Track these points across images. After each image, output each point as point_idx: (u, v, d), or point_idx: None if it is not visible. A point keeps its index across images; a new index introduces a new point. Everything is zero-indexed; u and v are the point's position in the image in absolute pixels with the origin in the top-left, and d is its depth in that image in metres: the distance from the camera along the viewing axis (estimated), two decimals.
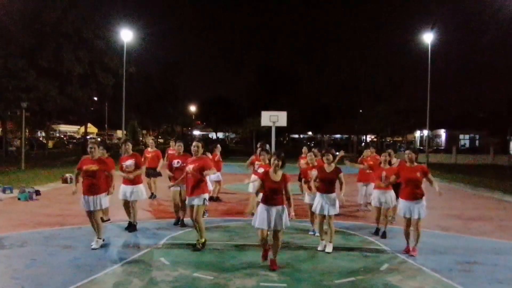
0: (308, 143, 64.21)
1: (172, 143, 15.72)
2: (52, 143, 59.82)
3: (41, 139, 60.87)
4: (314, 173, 10.20)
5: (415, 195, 9.29)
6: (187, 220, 11.08)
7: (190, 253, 9.28)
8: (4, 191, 17.31)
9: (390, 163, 11.47)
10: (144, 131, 79.83)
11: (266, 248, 8.48)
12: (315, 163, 10.96)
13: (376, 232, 11.24)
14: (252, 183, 12.19)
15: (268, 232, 8.38)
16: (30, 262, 8.51)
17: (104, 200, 9.72)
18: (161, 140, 65.02)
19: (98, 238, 9.64)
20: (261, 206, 8.31)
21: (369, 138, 75.32)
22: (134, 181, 11.23)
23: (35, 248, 9.56)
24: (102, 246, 9.58)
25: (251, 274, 7.91)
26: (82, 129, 66.73)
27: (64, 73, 39.01)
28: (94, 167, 9.55)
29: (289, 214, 8.32)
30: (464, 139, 69.91)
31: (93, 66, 42.17)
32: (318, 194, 9.88)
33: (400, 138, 75.13)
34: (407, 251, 9.46)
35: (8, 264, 8.37)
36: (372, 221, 12.02)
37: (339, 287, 7.47)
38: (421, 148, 55.90)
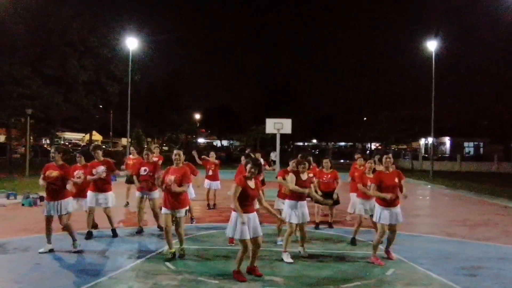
0: (313, 150, 64.22)
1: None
2: None
3: (45, 146, 60.95)
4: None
5: (395, 202, 9.09)
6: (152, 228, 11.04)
7: (194, 258, 9.24)
8: (8, 197, 17.32)
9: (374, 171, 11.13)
10: (149, 139, 79.94)
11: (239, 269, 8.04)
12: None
13: (353, 242, 10.92)
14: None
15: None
16: (34, 266, 8.52)
17: (67, 204, 9.69)
18: (165, 148, 64.72)
19: (74, 240, 9.74)
20: (235, 215, 7.95)
21: (373, 146, 75.18)
22: (103, 188, 11.16)
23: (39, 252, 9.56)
24: (78, 251, 9.61)
25: (256, 279, 7.87)
26: (87, 137, 66.77)
27: (69, 81, 39.12)
28: (55, 173, 9.54)
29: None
30: (469, 147, 69.82)
31: (98, 74, 42.34)
32: (289, 202, 9.42)
33: (405, 146, 74.99)
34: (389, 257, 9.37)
35: (11, 268, 8.38)
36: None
37: None
38: (426, 155, 55.85)
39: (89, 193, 11.20)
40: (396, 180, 9.12)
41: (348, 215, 14.33)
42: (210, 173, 16.12)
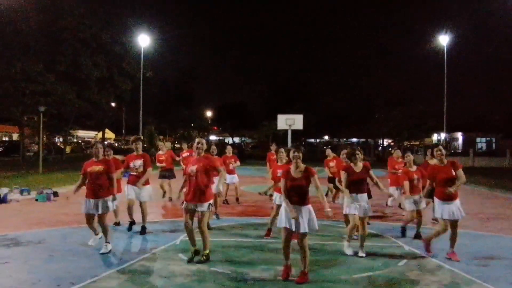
0: (324, 147, 64.05)
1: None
2: (70, 148, 60.13)
3: (58, 144, 61.18)
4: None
5: (455, 194, 8.76)
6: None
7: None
8: (21, 192, 17.39)
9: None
10: (161, 137, 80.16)
11: (287, 264, 7.59)
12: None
13: (418, 236, 10.57)
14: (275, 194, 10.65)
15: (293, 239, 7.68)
16: (47, 257, 8.60)
17: (110, 203, 9.22)
18: (177, 145, 64.79)
19: (106, 242, 9.17)
20: (283, 206, 7.67)
21: (386, 142, 74.89)
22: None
23: (53, 245, 9.64)
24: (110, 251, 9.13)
25: (268, 269, 7.91)
26: (100, 134, 66.97)
27: (82, 77, 39.26)
28: (98, 168, 9.13)
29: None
30: (481, 142, 69.53)
31: (111, 70, 42.48)
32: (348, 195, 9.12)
33: (417, 142, 74.60)
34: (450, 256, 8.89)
35: (25, 259, 8.46)
36: (389, 220, 11.96)
37: (357, 281, 7.46)
38: None
39: (128, 187, 11.02)
40: (453, 172, 8.71)
41: (387, 208, 14.45)
42: (231, 167, 15.83)
